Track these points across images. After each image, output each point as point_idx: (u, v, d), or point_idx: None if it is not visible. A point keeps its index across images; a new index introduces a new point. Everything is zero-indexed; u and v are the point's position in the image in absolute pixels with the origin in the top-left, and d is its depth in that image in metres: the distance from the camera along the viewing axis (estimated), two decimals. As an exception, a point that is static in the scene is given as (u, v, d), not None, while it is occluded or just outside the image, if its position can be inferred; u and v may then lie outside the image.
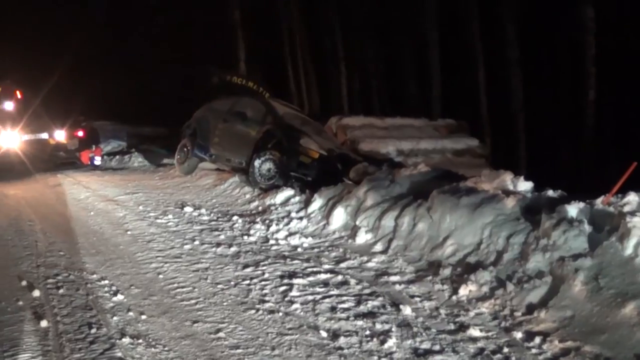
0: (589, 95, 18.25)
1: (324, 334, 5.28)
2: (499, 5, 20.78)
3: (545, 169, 19.00)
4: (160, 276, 6.88)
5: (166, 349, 4.98)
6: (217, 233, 9.16)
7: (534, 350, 4.98)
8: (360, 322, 5.51)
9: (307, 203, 10.36)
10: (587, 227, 6.06)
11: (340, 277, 6.86)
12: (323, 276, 6.89)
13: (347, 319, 5.61)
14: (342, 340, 5.16)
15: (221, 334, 5.25)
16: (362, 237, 8.53)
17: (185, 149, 15.17)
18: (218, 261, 7.58)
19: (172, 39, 30.12)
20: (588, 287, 5.38)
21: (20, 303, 5.83)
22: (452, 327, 5.48)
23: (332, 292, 6.33)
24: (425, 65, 22.89)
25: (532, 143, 20.68)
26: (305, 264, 7.45)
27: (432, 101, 22.17)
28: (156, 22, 30.64)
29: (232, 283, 6.65)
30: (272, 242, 8.69)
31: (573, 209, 6.36)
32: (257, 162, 12.33)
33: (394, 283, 6.71)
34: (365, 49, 26.50)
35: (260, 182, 12.18)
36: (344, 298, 6.15)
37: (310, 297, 6.17)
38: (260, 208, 11.02)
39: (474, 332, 5.30)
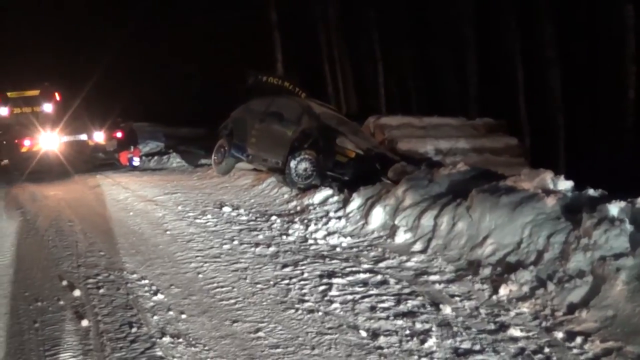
0: (628, 93, 18.05)
1: (363, 333, 5.28)
2: (537, 3, 20.61)
3: (585, 168, 18.83)
4: (200, 276, 6.93)
5: (206, 348, 5.01)
6: (255, 233, 9.20)
7: (575, 351, 4.94)
8: (400, 322, 5.51)
9: (345, 203, 10.36)
10: (628, 227, 5.99)
11: (379, 277, 6.85)
12: (362, 276, 6.89)
13: (387, 318, 5.61)
14: (381, 340, 5.15)
15: (261, 334, 5.27)
16: (401, 237, 8.51)
17: (222, 150, 15.24)
18: (257, 261, 7.61)
19: (211, 42, 30.29)
20: (630, 286, 5.32)
21: (61, 303, 5.92)
22: (492, 326, 5.45)
23: (371, 292, 6.33)
24: (463, 64, 22.79)
25: (572, 142, 20.48)
26: (344, 264, 7.45)
27: (470, 100, 22.10)
28: (196, 25, 30.79)
29: (271, 283, 6.68)
30: (310, 241, 8.71)
31: (614, 208, 6.30)
32: (292, 163, 12.38)
33: (434, 282, 6.70)
34: (402, 48, 26.42)
35: (298, 182, 12.20)
36: (384, 297, 6.15)
37: (349, 297, 6.17)
38: (298, 208, 11.05)
39: (515, 332, 5.27)
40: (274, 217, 10.26)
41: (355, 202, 10.11)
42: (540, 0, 20.47)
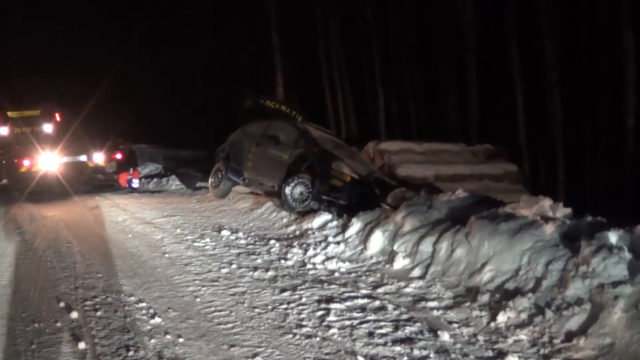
0: (628, 121, 18.11)
1: (361, 359, 5.26)
2: (538, 30, 20.72)
3: (585, 195, 18.88)
4: (198, 299, 6.91)
5: (204, 372, 5.00)
6: (254, 257, 9.19)
7: (573, 379, 4.94)
8: (398, 348, 5.49)
9: (344, 227, 10.36)
10: (627, 254, 5.99)
11: (377, 302, 6.84)
12: (360, 301, 6.88)
13: (385, 344, 5.59)
14: (379, 366, 5.15)
15: (258, 358, 5.25)
16: (400, 262, 8.50)
17: (219, 173, 15.28)
18: (255, 285, 7.59)
19: (212, 64, 30.39)
20: (628, 314, 5.32)
21: (59, 324, 5.91)
22: (490, 353, 5.44)
23: (369, 317, 6.31)
24: (464, 90, 22.88)
25: (572, 168, 20.54)
26: (343, 289, 7.43)
27: (471, 125, 22.17)
28: (198, 47, 30.92)
29: (270, 307, 6.66)
30: (309, 266, 8.70)
31: (613, 236, 6.30)
32: (287, 189, 12.37)
33: (432, 309, 6.68)
34: (403, 72, 26.53)
35: (296, 206, 12.21)
36: (382, 323, 6.13)
37: (347, 322, 6.15)
38: (297, 232, 11.05)
39: (513, 359, 5.26)
40: (272, 241, 10.26)
41: (354, 227, 10.11)
42: (541, 25, 20.57)
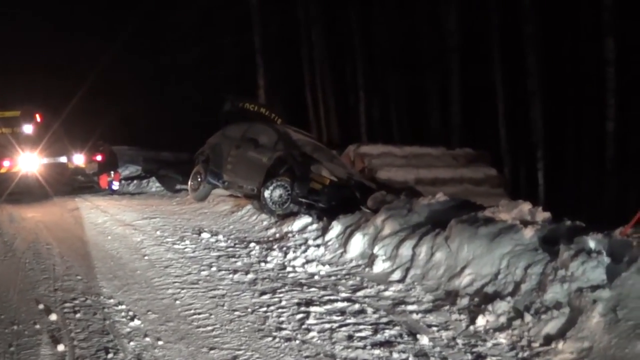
0: (607, 126, 18.23)
1: (340, 362, 5.26)
2: (521, 36, 20.82)
3: (566, 199, 18.98)
4: (177, 302, 6.89)
5: (183, 375, 4.99)
6: (234, 260, 9.17)
7: (551, 382, 4.96)
8: (377, 351, 5.49)
9: (324, 231, 10.37)
10: (605, 259, 6.02)
11: (357, 306, 6.84)
12: (340, 304, 6.88)
13: (364, 347, 5.59)
14: (359, 369, 5.15)
15: (238, 361, 5.24)
16: (380, 266, 8.51)
17: (198, 176, 15.29)
18: (235, 288, 7.58)
19: (197, 65, 30.32)
20: (606, 318, 5.34)
21: (38, 326, 5.87)
22: (469, 357, 5.45)
23: (349, 321, 6.31)
24: (446, 94, 22.95)
25: (553, 173, 20.64)
26: (323, 292, 7.43)
27: (452, 130, 22.24)
28: (180, 49, 30.84)
29: (249, 310, 6.65)
30: (289, 269, 8.69)
31: (591, 240, 6.34)
32: (266, 193, 12.39)
33: (411, 312, 6.69)
34: (386, 76, 26.55)
35: (276, 209, 12.21)
36: (361, 327, 6.14)
37: (327, 325, 6.16)
38: (277, 235, 11.05)
39: (491, 362, 5.28)
40: (252, 244, 10.25)
41: (335, 230, 10.12)
42: (524, 32, 20.66)
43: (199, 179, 15.23)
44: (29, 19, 35.19)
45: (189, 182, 15.69)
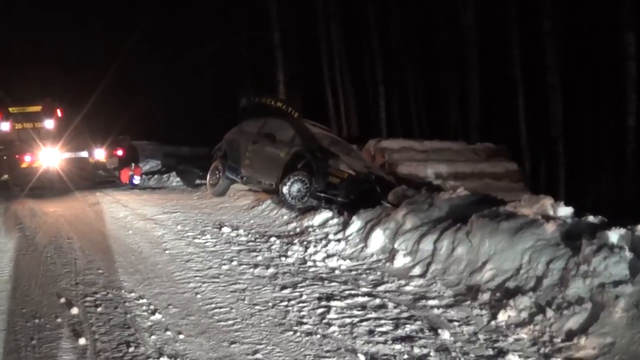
0: (628, 121, 18.11)
1: (362, 357, 5.25)
2: (540, 30, 20.72)
3: (586, 194, 18.89)
4: (198, 296, 6.90)
5: (204, 369, 5.00)
6: (254, 254, 9.17)
7: (573, 377, 4.93)
8: (398, 346, 5.48)
9: (345, 225, 10.34)
10: (628, 254, 5.98)
11: (378, 301, 6.83)
12: (361, 299, 6.87)
13: (385, 342, 5.58)
14: (380, 364, 5.14)
15: (259, 355, 5.24)
16: (401, 261, 8.50)
17: (217, 171, 15.34)
18: (256, 282, 7.58)
19: (215, 60, 30.31)
20: (629, 314, 5.31)
21: (59, 320, 5.89)
22: (490, 352, 5.43)
23: (370, 315, 6.31)
24: (465, 88, 22.88)
25: (573, 168, 20.54)
26: (343, 287, 7.42)
27: (472, 124, 22.18)
28: (200, 44, 30.85)
29: (270, 304, 6.65)
30: (309, 263, 8.68)
31: (614, 235, 6.29)
32: (285, 189, 12.44)
33: (432, 307, 6.68)
34: (405, 71, 26.51)
35: (296, 204, 12.21)
36: (382, 321, 6.13)
37: (348, 320, 6.15)
38: (297, 229, 11.05)
39: (513, 357, 5.25)
40: (273, 239, 10.24)
41: (355, 224, 10.10)
42: (543, 26, 20.56)
43: (218, 175, 15.27)
44: (45, 14, 35.26)
45: (208, 177, 15.73)
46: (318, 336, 5.72)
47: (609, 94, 20.54)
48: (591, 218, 7.43)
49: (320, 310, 6.44)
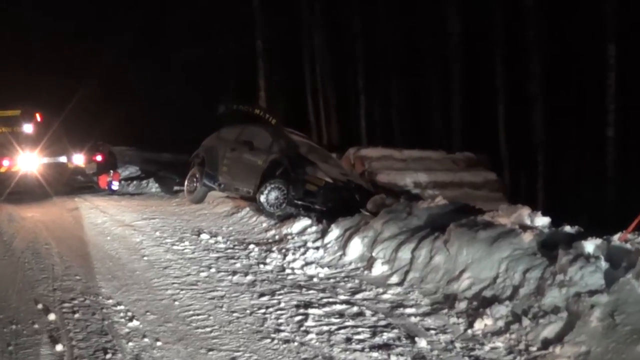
0: (607, 132, 18.24)
1: (339, 365, 5.27)
2: (523, 40, 20.84)
3: (566, 204, 18.97)
4: (176, 303, 6.89)
5: (181, 376, 4.99)
6: (233, 261, 9.17)
7: (548, 386, 4.96)
8: (375, 354, 5.50)
9: (323, 233, 10.37)
10: (603, 264, 6.04)
11: (355, 308, 6.85)
12: (339, 307, 6.88)
13: (362, 350, 5.60)
14: (357, 372, 5.15)
15: (236, 362, 5.25)
16: (379, 269, 8.52)
17: (194, 179, 15.29)
18: (234, 289, 7.58)
19: (198, 66, 30.32)
20: (604, 323, 5.35)
21: (36, 326, 5.86)
22: (467, 360, 5.47)
23: (347, 323, 6.32)
24: (447, 97, 22.97)
25: (553, 178, 20.64)
26: (321, 294, 7.44)
27: (453, 133, 22.26)
28: (181, 50, 30.85)
29: (248, 312, 6.66)
30: (288, 271, 8.69)
31: (590, 245, 6.35)
32: (262, 197, 12.42)
33: (410, 315, 6.70)
34: (387, 80, 26.55)
35: (275, 211, 12.19)
36: (360, 329, 6.14)
37: (325, 328, 6.16)
38: (276, 237, 11.06)
39: (489, 366, 5.29)
40: (252, 246, 10.24)
41: (334, 232, 10.13)
42: (526, 36, 20.68)
43: (195, 181, 15.23)
44: (29, 19, 35.15)
45: (185, 185, 15.68)
46: (296, 344, 5.73)
47: (591, 105, 20.65)
48: (568, 228, 7.51)
49: (298, 318, 6.45)
